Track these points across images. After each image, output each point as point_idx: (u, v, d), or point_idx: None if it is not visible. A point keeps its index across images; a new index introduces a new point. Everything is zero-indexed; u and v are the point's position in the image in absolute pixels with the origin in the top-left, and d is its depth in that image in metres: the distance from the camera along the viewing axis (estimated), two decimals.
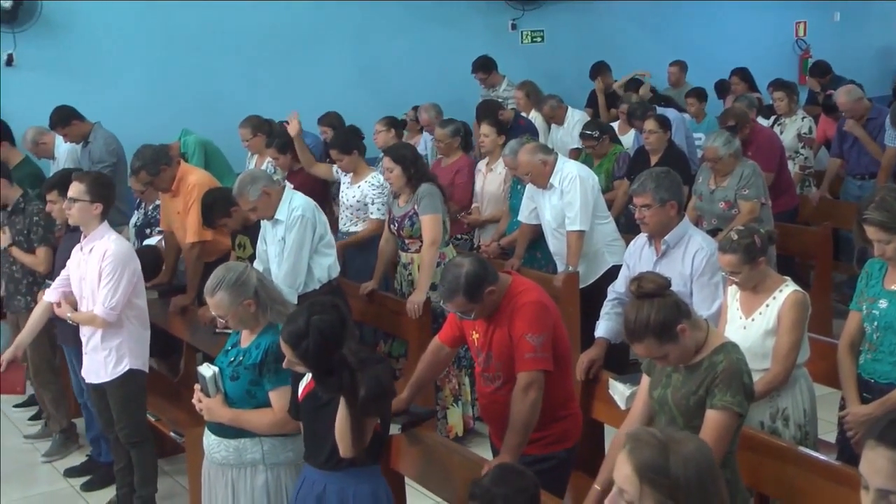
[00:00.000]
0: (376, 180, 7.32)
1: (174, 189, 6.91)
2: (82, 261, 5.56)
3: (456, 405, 6.58)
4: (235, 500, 4.27)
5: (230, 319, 4.28)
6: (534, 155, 6.77)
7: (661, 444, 2.51)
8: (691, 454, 2.52)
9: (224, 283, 4.22)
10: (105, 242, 5.47)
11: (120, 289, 5.40)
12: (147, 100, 10.22)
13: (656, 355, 3.70)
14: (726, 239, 4.63)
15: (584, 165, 7.24)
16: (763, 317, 4.60)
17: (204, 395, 4.25)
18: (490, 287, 4.26)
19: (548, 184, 6.75)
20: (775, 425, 4.59)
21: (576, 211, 6.62)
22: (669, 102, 10.31)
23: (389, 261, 6.93)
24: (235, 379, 4.24)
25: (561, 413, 4.43)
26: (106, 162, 8.09)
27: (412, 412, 4.59)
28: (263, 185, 6.00)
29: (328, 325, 3.80)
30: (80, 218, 5.51)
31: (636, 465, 2.48)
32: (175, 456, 6.43)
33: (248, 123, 8.79)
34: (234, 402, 4.24)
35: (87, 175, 5.69)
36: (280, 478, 4.26)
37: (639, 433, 2.56)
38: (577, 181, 6.66)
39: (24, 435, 7.25)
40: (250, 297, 4.24)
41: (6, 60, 9.91)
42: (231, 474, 4.29)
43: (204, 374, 4.24)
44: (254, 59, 10.86)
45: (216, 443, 4.31)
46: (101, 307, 5.41)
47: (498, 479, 3.36)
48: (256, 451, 4.24)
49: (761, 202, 7.04)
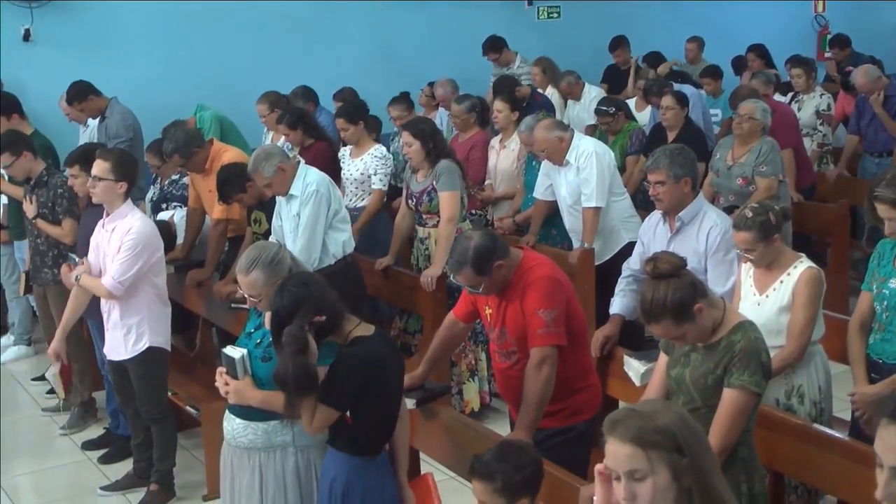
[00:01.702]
0: (379, 152, 7.34)
1: (208, 168, 6.92)
2: (104, 239, 5.58)
3: (472, 380, 6.59)
4: (263, 484, 4.15)
5: (262, 300, 4.12)
6: (550, 131, 6.75)
7: (638, 412, 2.54)
8: (662, 406, 2.60)
9: (259, 263, 4.10)
10: (129, 221, 5.48)
11: (134, 267, 5.42)
12: (163, 75, 10.22)
13: (674, 335, 3.70)
14: (741, 216, 4.62)
15: (600, 142, 7.22)
16: (777, 293, 4.59)
17: (230, 377, 4.12)
18: (499, 261, 4.25)
19: (564, 160, 6.74)
20: (790, 402, 4.58)
21: (592, 187, 6.61)
22: (686, 79, 10.25)
23: (405, 237, 6.93)
24: (268, 360, 4.11)
25: (578, 385, 4.43)
26: (122, 137, 8.10)
27: (427, 388, 4.61)
28: (278, 161, 6.01)
29: (286, 299, 3.79)
30: (104, 196, 5.51)
31: (632, 438, 2.48)
32: (191, 430, 6.46)
33: (265, 99, 8.79)
34: (265, 385, 4.07)
35: (111, 153, 5.67)
36: (310, 460, 4.17)
37: (612, 416, 2.56)
38: (593, 157, 6.65)
39: (43, 408, 7.30)
40: (284, 276, 4.09)
41: (23, 35, 9.93)
42: (258, 458, 4.15)
43: (232, 356, 4.10)
44: (270, 34, 10.85)
45: (242, 426, 4.16)
46: (109, 278, 5.43)
47: (499, 455, 3.38)
48: (287, 434, 4.13)
49: (779, 179, 7.01)
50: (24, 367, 8.15)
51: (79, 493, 6.09)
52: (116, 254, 5.43)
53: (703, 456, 2.53)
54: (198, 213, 7.14)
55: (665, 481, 2.48)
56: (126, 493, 5.96)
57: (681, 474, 2.49)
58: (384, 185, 7.29)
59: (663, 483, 2.48)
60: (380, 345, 3.95)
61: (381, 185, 7.29)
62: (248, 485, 4.18)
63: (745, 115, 7.03)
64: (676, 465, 2.48)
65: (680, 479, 2.49)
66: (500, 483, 3.29)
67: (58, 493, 6.17)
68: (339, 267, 6.10)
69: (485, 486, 3.32)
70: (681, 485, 2.49)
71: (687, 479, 2.49)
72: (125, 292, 5.47)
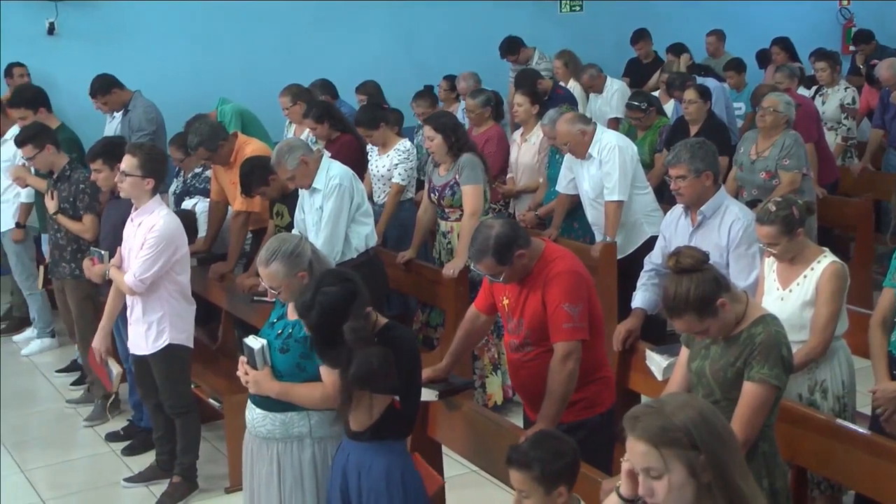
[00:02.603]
0: (403, 146, 7.36)
1: (232, 161, 6.95)
2: (130, 233, 5.60)
3: (495, 374, 6.59)
4: (281, 474, 4.20)
5: (283, 291, 4.18)
6: (573, 125, 6.74)
7: (654, 409, 2.56)
8: (683, 401, 2.59)
9: (279, 254, 4.14)
10: (155, 217, 5.50)
11: (156, 264, 5.43)
12: (186, 68, 10.27)
13: (697, 330, 3.69)
14: (764, 210, 4.59)
15: (623, 135, 7.21)
16: (801, 288, 4.57)
17: (251, 367, 4.16)
18: (520, 250, 4.25)
19: (586, 154, 6.73)
20: (813, 397, 4.56)
21: (614, 181, 6.59)
22: (709, 72, 10.22)
23: (427, 230, 6.94)
24: (285, 352, 4.16)
25: (592, 377, 4.42)
26: (145, 130, 8.13)
27: (450, 381, 4.61)
28: (301, 154, 6.02)
29: (333, 298, 3.75)
30: (131, 192, 5.53)
31: (646, 437, 2.51)
32: (214, 422, 6.49)
33: (287, 92, 8.80)
34: (284, 376, 4.14)
35: (140, 149, 5.66)
36: (327, 452, 4.20)
37: (632, 413, 2.58)
38: (615, 151, 6.63)
39: (67, 399, 7.35)
40: (304, 268, 4.16)
41: (47, 29, 10.01)
42: (277, 448, 4.20)
43: (252, 347, 4.14)
44: (293, 27, 10.88)
45: (261, 416, 4.21)
46: (131, 275, 5.45)
47: (536, 444, 3.38)
48: (304, 425, 4.17)
49: (803, 173, 6.98)
50: (48, 358, 8.20)
51: (102, 484, 6.13)
52: (139, 250, 5.46)
53: (721, 452, 2.53)
54: (221, 206, 7.16)
55: (681, 478, 2.50)
56: (149, 484, 5.99)
57: (698, 471, 2.49)
58: (403, 180, 7.30)
59: (679, 480, 2.50)
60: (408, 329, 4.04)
61: (400, 180, 7.29)
62: (267, 474, 4.23)
63: (769, 108, 7.00)
64: (693, 463, 2.49)
65: (698, 476, 2.50)
66: (539, 471, 3.28)
67: (81, 485, 6.20)
68: (362, 260, 6.11)
69: (523, 474, 3.31)
70: (699, 481, 2.50)
71: (706, 476, 2.50)
72: (147, 289, 5.50)
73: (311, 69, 9.89)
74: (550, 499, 3.30)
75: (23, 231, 8.15)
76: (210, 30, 10.53)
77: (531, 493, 3.31)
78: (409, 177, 7.36)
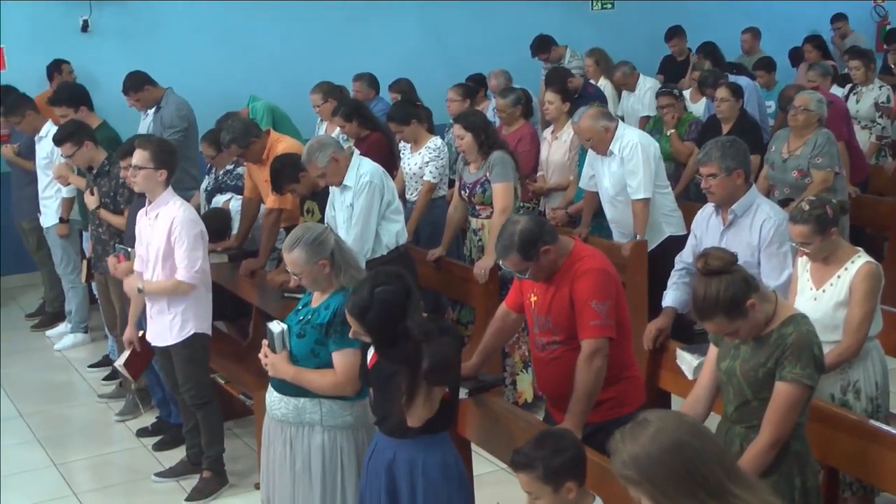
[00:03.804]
0: (434, 144, 7.36)
1: (265, 158, 6.97)
2: (147, 226, 5.65)
3: (525, 371, 6.58)
4: (293, 458, 4.33)
5: (304, 278, 4.30)
6: (596, 121, 6.72)
7: (622, 441, 2.65)
8: (649, 436, 2.59)
9: (302, 241, 4.27)
10: (171, 209, 5.54)
11: (200, 252, 5.51)
12: (219, 65, 10.33)
13: (726, 331, 3.67)
14: (797, 209, 4.57)
15: (644, 133, 7.15)
16: (834, 288, 4.54)
17: (271, 350, 4.31)
18: (546, 246, 4.24)
19: (608, 150, 6.70)
20: (846, 398, 4.54)
21: (639, 179, 6.56)
22: (741, 70, 10.15)
23: (458, 227, 6.95)
24: (302, 336, 4.29)
25: (619, 376, 4.40)
26: (177, 127, 8.18)
27: (480, 379, 4.61)
28: (332, 152, 6.03)
29: (392, 295, 3.80)
30: (144, 185, 5.58)
31: (616, 469, 2.63)
32: (244, 418, 6.52)
33: (318, 90, 8.83)
34: (298, 360, 4.28)
35: (150, 142, 5.72)
36: (336, 440, 4.30)
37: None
38: (638, 149, 6.59)
39: (99, 394, 7.40)
40: (326, 257, 4.27)
41: (81, 26, 10.08)
42: (289, 432, 4.34)
43: (272, 330, 4.30)
44: (325, 25, 10.92)
45: (277, 399, 4.36)
46: (183, 272, 5.49)
47: (537, 444, 3.38)
48: (315, 413, 4.28)
49: (835, 171, 6.92)
50: (81, 353, 8.27)
51: (134, 478, 6.17)
52: (163, 245, 5.50)
53: (661, 484, 2.56)
54: (253, 203, 7.20)
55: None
56: (180, 479, 6.03)
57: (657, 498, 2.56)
58: (434, 178, 7.30)
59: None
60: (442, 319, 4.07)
61: (431, 178, 7.30)
62: (281, 455, 4.37)
63: (801, 107, 6.95)
64: (650, 493, 2.56)
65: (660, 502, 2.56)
66: (542, 469, 3.28)
67: (113, 479, 6.25)
68: (392, 257, 6.12)
69: (528, 475, 3.31)
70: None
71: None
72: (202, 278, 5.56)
73: (343, 67, 9.92)
74: (560, 496, 3.29)
75: (67, 225, 8.24)
76: (243, 27, 10.58)
77: (540, 493, 3.31)
78: (441, 174, 7.37)
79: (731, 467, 2.63)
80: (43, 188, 8.27)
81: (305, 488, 4.31)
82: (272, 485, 4.45)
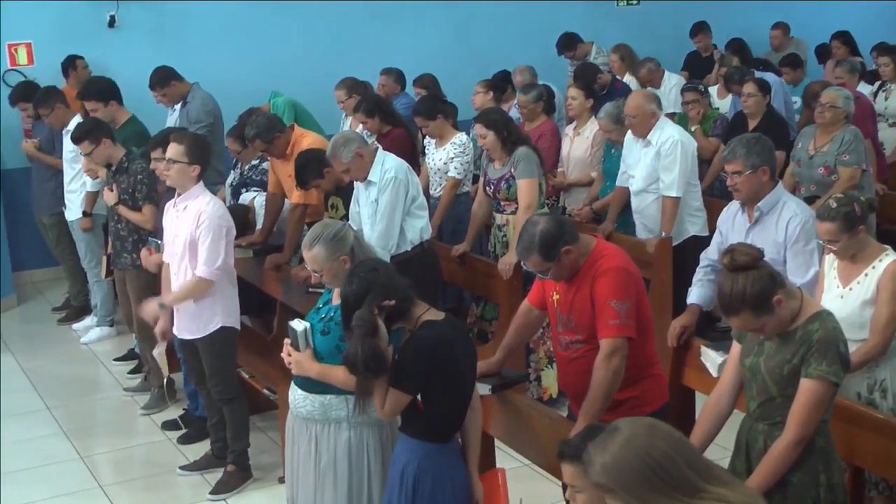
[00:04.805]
0: (459, 140, 7.36)
1: (289, 153, 6.99)
2: (175, 218, 5.67)
3: (550, 367, 6.56)
4: (318, 455, 4.29)
5: (325, 275, 4.29)
6: (648, 102, 6.73)
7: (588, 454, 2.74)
8: (619, 444, 2.67)
9: (322, 238, 4.26)
10: (200, 203, 5.56)
11: (221, 249, 5.52)
12: (244, 61, 10.36)
13: (753, 327, 3.65)
14: (825, 206, 4.54)
15: (684, 131, 7.12)
16: (861, 286, 4.52)
17: (294, 349, 4.27)
18: (567, 246, 4.22)
19: (646, 138, 6.67)
20: (872, 397, 4.51)
21: (674, 176, 6.54)
22: (768, 66, 10.10)
23: (482, 223, 6.94)
24: (326, 334, 4.26)
25: (642, 375, 4.37)
26: (203, 122, 8.20)
27: (503, 375, 4.61)
28: (356, 147, 6.04)
29: (355, 287, 3.86)
30: (177, 179, 5.60)
31: (593, 483, 2.73)
32: (268, 412, 6.55)
33: (343, 85, 8.85)
34: (323, 358, 4.23)
35: (184, 136, 5.75)
36: (363, 437, 4.26)
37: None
38: (678, 146, 6.58)
39: (124, 388, 7.45)
40: (346, 253, 4.25)
41: (108, 22, 10.14)
42: (315, 430, 4.30)
43: (295, 329, 4.26)
44: (350, 21, 10.94)
45: (302, 397, 4.32)
46: (203, 267, 5.51)
47: (587, 436, 3.35)
48: (342, 409, 4.24)
49: (862, 169, 6.87)
50: (107, 347, 8.32)
51: (158, 472, 6.20)
52: (191, 241, 5.52)
53: (637, 488, 2.61)
54: (277, 198, 7.22)
55: None
56: (204, 473, 6.06)
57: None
58: (458, 174, 7.30)
59: None
60: (449, 329, 3.98)
61: (456, 174, 7.30)
62: (305, 453, 4.33)
63: (827, 104, 6.90)
64: (625, 500, 2.64)
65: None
66: None
67: (138, 472, 6.29)
68: (416, 253, 6.13)
69: (575, 467, 3.28)
70: None
71: None
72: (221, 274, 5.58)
73: (368, 63, 9.94)
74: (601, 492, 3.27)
75: (90, 219, 8.29)
76: (268, 22, 10.61)
77: (584, 487, 3.29)
78: (465, 170, 7.37)
79: (705, 468, 2.67)
80: (68, 181, 8.33)
81: (329, 486, 4.28)
82: (296, 484, 4.41)
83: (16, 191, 9.68)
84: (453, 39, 11.39)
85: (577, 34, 10.92)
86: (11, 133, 9.74)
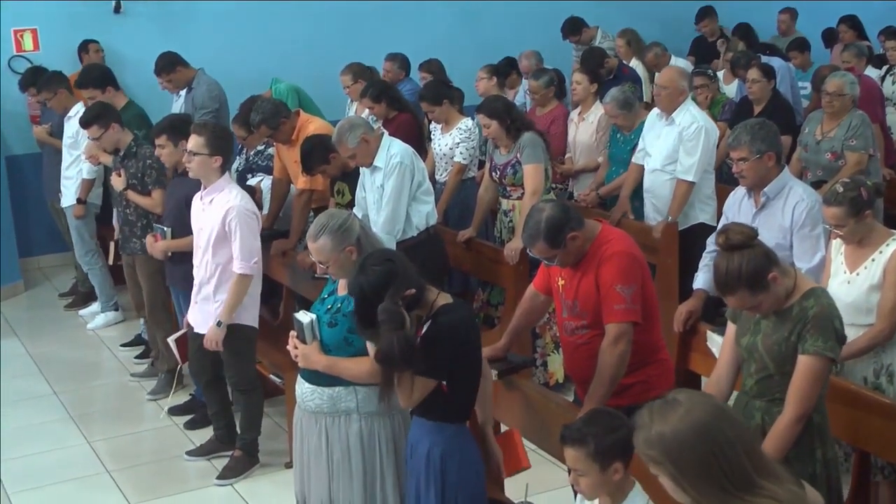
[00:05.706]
0: (465, 125, 7.35)
1: (294, 139, 6.98)
2: (201, 211, 5.65)
3: (556, 352, 6.58)
4: (329, 448, 4.24)
5: (331, 266, 4.22)
6: (681, 78, 6.72)
7: (644, 420, 2.67)
8: (679, 416, 2.61)
9: (327, 229, 4.19)
10: (227, 196, 5.55)
11: (254, 242, 5.53)
12: (250, 46, 10.35)
13: (749, 305, 3.68)
14: (832, 191, 4.53)
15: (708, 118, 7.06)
16: (868, 271, 4.51)
17: (300, 341, 4.22)
18: (573, 232, 4.22)
19: (670, 115, 6.66)
20: (879, 381, 4.51)
21: (693, 161, 6.50)
22: (774, 51, 10.05)
23: (488, 208, 6.94)
24: (333, 326, 4.21)
25: (648, 360, 4.38)
26: (208, 108, 8.20)
27: (509, 360, 4.61)
28: (362, 133, 6.03)
29: (372, 279, 3.77)
30: (199, 171, 5.58)
31: (639, 451, 2.67)
32: (275, 398, 6.56)
33: (349, 70, 8.83)
34: (332, 350, 4.18)
35: (204, 127, 5.70)
36: (374, 427, 4.22)
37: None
38: (702, 132, 6.54)
39: (131, 373, 7.46)
40: (352, 244, 4.19)
41: (114, 8, 10.14)
42: (324, 422, 4.25)
43: (301, 321, 4.20)
44: (355, 6, 10.89)
45: (310, 391, 4.26)
46: (240, 263, 5.50)
47: (589, 420, 3.36)
48: (351, 400, 4.20)
49: (869, 154, 6.86)
50: (113, 332, 8.34)
51: (165, 457, 6.23)
52: (216, 231, 5.51)
53: (683, 466, 2.57)
54: (283, 184, 7.21)
55: (669, 486, 2.62)
56: (211, 458, 6.08)
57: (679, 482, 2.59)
58: (464, 159, 7.29)
59: (669, 486, 2.63)
60: (466, 311, 4.01)
61: (462, 159, 7.29)
62: (316, 447, 4.28)
63: (835, 93, 6.86)
64: (672, 475, 2.59)
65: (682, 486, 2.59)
66: (593, 446, 3.25)
67: (145, 457, 6.31)
68: (422, 238, 6.14)
69: (577, 451, 3.29)
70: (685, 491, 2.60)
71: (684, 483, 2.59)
72: (222, 269, 5.58)
73: (374, 48, 9.91)
74: (606, 476, 3.27)
75: (83, 207, 8.27)
76: (274, 8, 10.58)
77: (587, 470, 3.29)
78: (471, 156, 7.36)
79: (759, 457, 2.62)
80: (66, 167, 8.30)
81: (345, 478, 4.23)
82: (308, 479, 4.35)
83: (22, 177, 9.70)
84: (459, 24, 11.36)
85: (581, 19, 10.88)
86: (17, 119, 9.75)
